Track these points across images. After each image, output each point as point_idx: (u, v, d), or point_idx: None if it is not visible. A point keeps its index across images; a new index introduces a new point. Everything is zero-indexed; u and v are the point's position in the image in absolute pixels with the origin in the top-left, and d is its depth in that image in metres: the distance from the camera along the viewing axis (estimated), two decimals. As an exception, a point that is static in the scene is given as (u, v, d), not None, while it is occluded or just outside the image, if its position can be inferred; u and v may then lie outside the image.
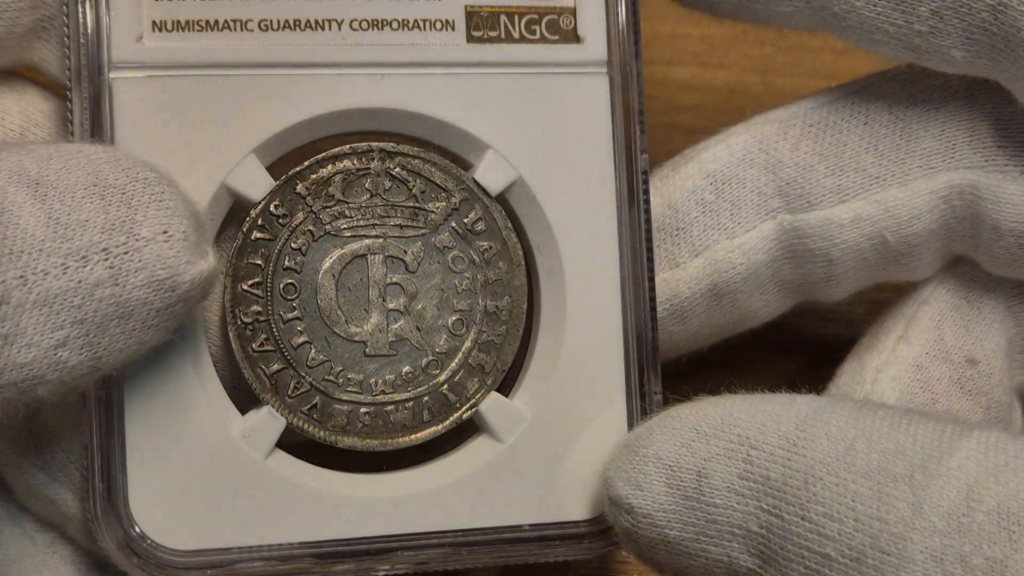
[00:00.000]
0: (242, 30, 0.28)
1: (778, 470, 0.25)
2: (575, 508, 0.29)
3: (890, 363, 0.31)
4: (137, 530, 0.27)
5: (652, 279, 0.30)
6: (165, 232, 0.25)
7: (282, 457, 0.28)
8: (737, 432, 0.26)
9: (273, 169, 0.29)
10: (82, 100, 0.27)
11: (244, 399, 0.28)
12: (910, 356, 0.31)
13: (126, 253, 0.25)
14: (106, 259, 0.25)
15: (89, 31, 0.27)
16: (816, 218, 0.31)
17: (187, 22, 0.28)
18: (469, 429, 0.30)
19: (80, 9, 0.27)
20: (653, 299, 0.30)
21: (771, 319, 0.32)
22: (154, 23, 0.28)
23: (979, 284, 0.32)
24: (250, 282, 0.28)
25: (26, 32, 0.28)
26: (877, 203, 0.30)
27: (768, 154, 0.31)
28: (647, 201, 0.30)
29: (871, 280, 0.32)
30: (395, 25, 0.29)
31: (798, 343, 0.31)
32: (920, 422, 0.25)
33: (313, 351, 0.28)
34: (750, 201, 0.31)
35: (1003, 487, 0.23)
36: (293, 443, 0.29)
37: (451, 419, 0.29)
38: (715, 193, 0.31)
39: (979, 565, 0.23)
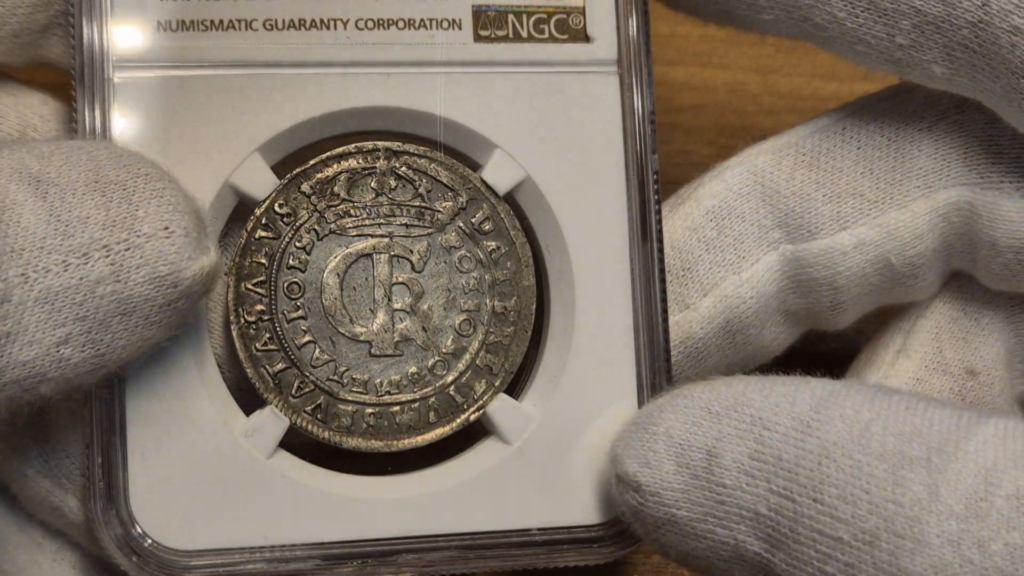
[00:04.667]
0: (247, 29, 0.28)
1: (791, 451, 0.24)
2: (585, 512, 0.29)
3: (890, 377, 0.31)
4: (138, 529, 0.27)
5: (663, 279, 0.30)
6: (166, 228, 0.25)
7: (285, 457, 0.28)
8: (750, 412, 0.25)
9: (278, 169, 0.29)
10: (86, 99, 0.27)
11: (248, 400, 0.28)
12: (910, 369, 0.31)
13: (127, 249, 0.25)
14: (107, 256, 0.24)
15: (94, 30, 0.27)
16: (818, 247, 0.30)
17: (192, 22, 0.28)
18: (477, 431, 0.29)
19: (86, 8, 0.27)
20: (664, 300, 0.30)
21: (780, 352, 0.32)
22: (159, 23, 0.28)
23: (977, 296, 0.32)
24: (254, 281, 0.28)
25: (41, 29, 0.29)
26: (878, 227, 0.30)
27: (764, 186, 0.30)
28: (659, 201, 0.30)
29: (874, 305, 0.32)
30: (401, 24, 0.29)
31: (796, 360, 0.30)
32: (937, 407, 0.25)
33: (317, 351, 0.28)
34: (751, 234, 0.30)
35: (1022, 472, 0.23)
36: (300, 448, 0.29)
37: (458, 420, 0.29)
38: (716, 229, 0.30)
39: (998, 551, 0.22)
